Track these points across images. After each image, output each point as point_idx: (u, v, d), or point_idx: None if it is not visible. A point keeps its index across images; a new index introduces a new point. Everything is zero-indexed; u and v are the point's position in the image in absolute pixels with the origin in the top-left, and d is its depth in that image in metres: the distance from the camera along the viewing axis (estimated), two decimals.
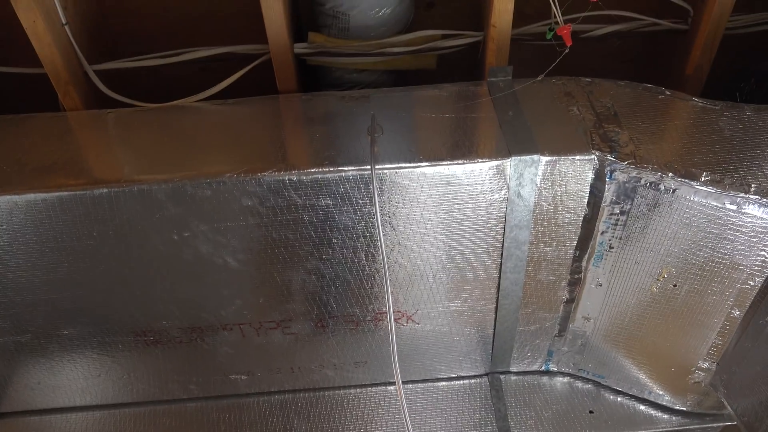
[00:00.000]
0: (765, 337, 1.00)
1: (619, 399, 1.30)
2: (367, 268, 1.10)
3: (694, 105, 1.09)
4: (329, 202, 1.01)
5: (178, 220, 1.01)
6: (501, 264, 1.11)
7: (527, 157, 0.98)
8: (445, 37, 1.24)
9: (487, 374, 1.35)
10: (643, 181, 0.97)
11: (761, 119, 1.04)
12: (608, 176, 0.99)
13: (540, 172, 0.99)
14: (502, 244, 1.08)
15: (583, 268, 1.11)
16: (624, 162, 0.97)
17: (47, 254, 1.04)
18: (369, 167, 0.97)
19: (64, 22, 1.14)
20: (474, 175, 0.99)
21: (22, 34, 1.09)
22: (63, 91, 1.17)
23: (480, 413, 1.29)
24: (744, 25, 1.31)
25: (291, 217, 1.02)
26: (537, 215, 1.04)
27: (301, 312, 1.16)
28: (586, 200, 1.03)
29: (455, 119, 1.07)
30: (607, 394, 1.31)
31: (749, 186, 0.93)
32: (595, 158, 0.99)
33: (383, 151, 1.00)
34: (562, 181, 1.01)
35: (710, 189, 0.94)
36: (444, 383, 1.35)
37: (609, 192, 1.00)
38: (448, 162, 0.98)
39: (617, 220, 1.02)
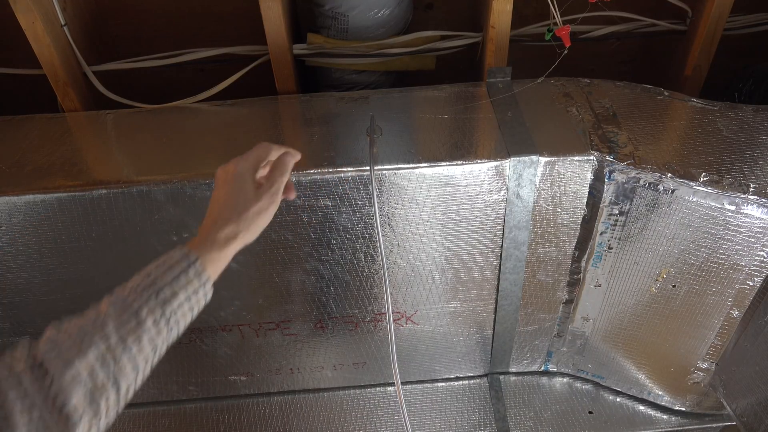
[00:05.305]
0: (764, 337, 1.00)
1: (618, 399, 1.30)
2: (366, 268, 1.10)
3: (692, 105, 1.09)
4: (328, 203, 1.01)
5: (176, 221, 1.01)
6: (500, 265, 1.11)
7: (526, 158, 0.98)
8: (444, 38, 1.24)
9: (486, 375, 1.35)
10: (642, 182, 0.97)
11: (760, 120, 1.05)
12: (607, 177, 0.99)
13: (539, 173, 0.99)
14: (501, 245, 1.08)
15: (582, 268, 1.11)
16: (623, 163, 0.97)
17: (46, 255, 1.04)
18: (368, 168, 0.97)
19: (63, 23, 1.14)
20: (473, 175, 0.99)
21: (21, 35, 1.09)
22: (62, 92, 1.17)
23: (479, 414, 1.29)
24: (742, 25, 1.31)
25: (290, 218, 1.02)
26: (536, 216, 1.04)
27: (300, 313, 1.16)
28: (585, 201, 1.03)
29: (454, 120, 1.07)
30: (606, 395, 1.31)
31: (748, 186, 0.93)
32: (594, 159, 0.99)
33: (382, 152, 1.00)
34: (561, 181, 1.01)
35: (709, 189, 0.94)
36: (443, 384, 1.35)
37: (608, 193, 1.00)
38: (447, 163, 0.98)
39: (616, 220, 1.03)
